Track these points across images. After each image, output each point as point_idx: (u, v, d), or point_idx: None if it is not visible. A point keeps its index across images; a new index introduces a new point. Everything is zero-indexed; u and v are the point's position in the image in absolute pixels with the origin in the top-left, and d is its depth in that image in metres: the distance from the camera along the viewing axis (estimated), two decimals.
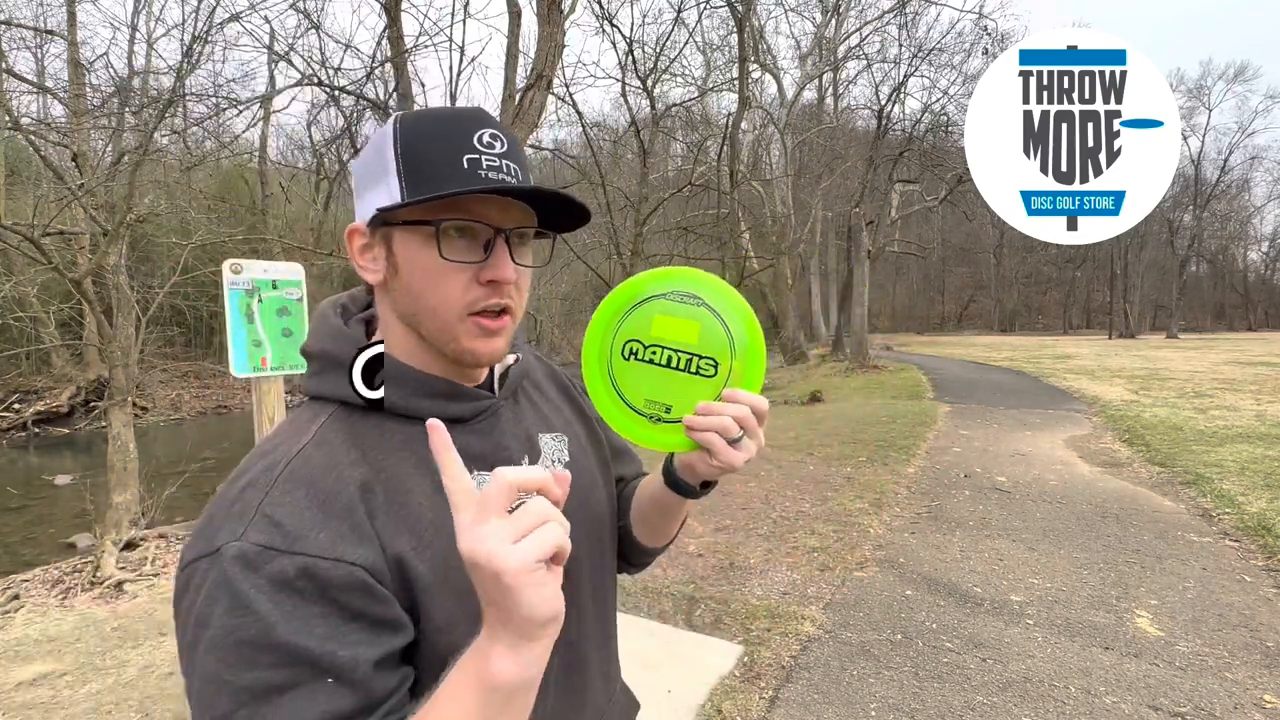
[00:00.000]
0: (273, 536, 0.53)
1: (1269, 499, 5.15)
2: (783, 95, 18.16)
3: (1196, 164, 38.09)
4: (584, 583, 0.77)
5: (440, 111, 0.65)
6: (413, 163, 0.62)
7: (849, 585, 3.77)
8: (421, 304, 0.64)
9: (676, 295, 0.73)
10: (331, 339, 0.68)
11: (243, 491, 0.57)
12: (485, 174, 0.62)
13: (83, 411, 13.66)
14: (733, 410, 0.68)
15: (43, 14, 9.76)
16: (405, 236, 0.64)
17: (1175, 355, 20.52)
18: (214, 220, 10.27)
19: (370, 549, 0.56)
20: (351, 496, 0.57)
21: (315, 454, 0.60)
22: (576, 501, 0.76)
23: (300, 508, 0.55)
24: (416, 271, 0.63)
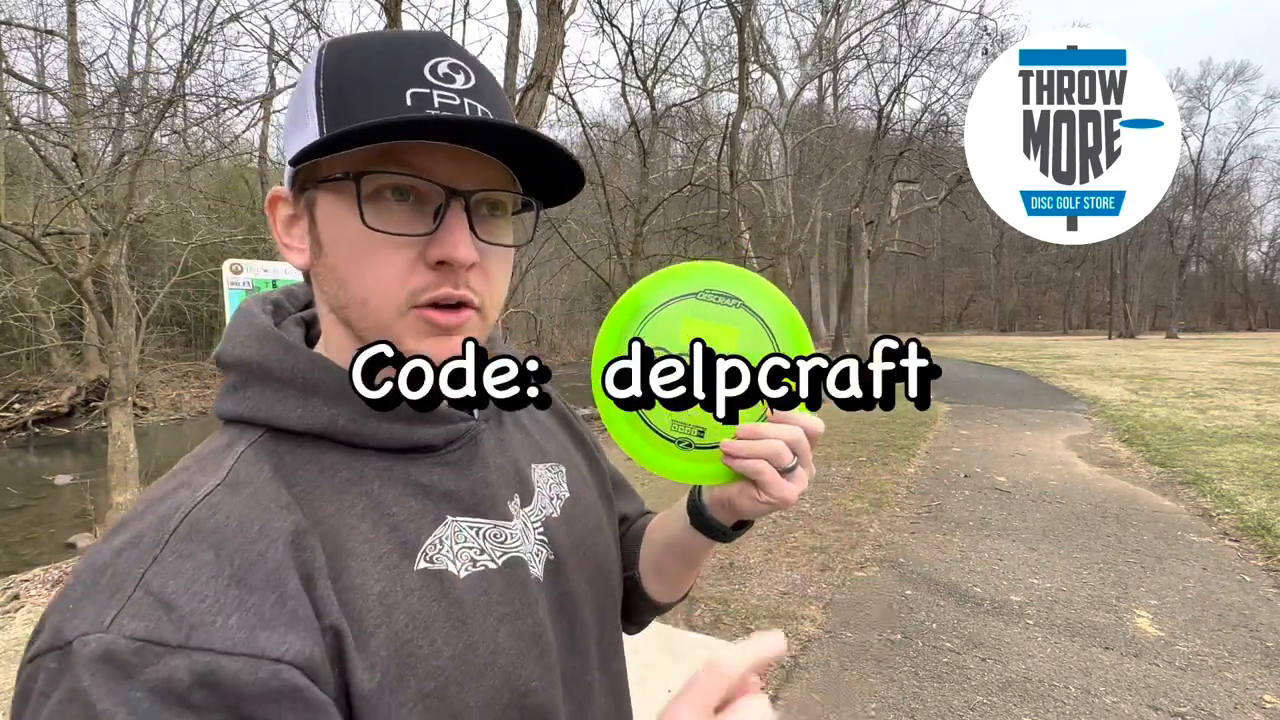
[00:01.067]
0: (158, 624, 0.36)
1: (1269, 499, 5.15)
2: (783, 95, 18.17)
3: (1196, 164, 38.11)
4: (591, 651, 0.60)
5: (385, 34, 0.49)
6: (335, 95, 0.46)
7: (849, 585, 3.77)
8: (349, 292, 0.48)
9: (709, 295, 0.60)
10: (257, 342, 0.51)
11: (119, 554, 0.39)
12: (437, 114, 0.45)
13: (83, 411, 13.67)
14: (784, 433, 0.55)
15: (43, 14, 9.77)
16: (329, 199, 0.48)
17: (1175, 355, 20.53)
18: (214, 220, 10.28)
19: (305, 634, 0.39)
20: (279, 558, 0.41)
21: (229, 499, 0.43)
22: (579, 548, 0.61)
23: (203, 579, 0.38)
24: (342, 247, 0.48)
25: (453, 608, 0.48)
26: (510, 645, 0.50)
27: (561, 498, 0.63)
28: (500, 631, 0.49)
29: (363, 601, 0.44)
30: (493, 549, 0.52)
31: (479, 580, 0.50)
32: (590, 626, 0.60)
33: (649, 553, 0.74)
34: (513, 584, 0.52)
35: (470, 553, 0.51)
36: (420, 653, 0.45)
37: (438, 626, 0.46)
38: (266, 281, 3.24)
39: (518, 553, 0.54)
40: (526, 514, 0.58)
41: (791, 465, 0.55)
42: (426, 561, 0.48)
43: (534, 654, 0.51)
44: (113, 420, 5.74)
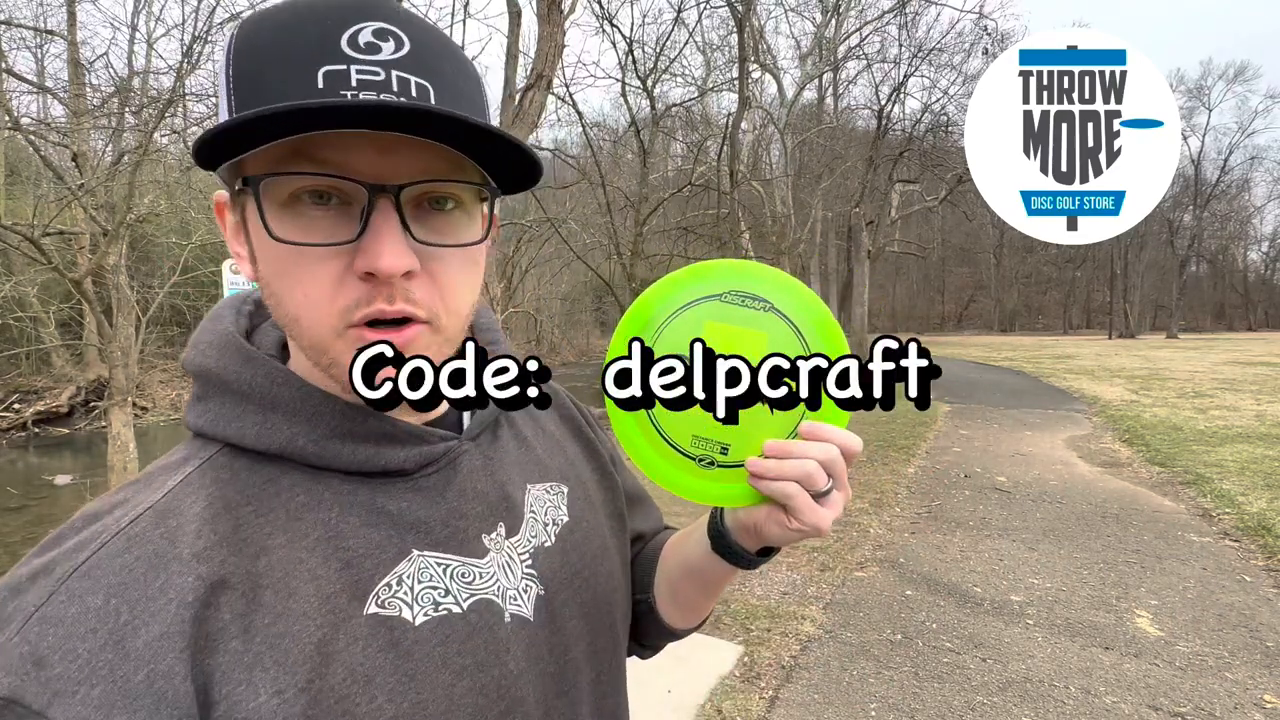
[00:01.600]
0: (24, 683, 0.33)
1: (1269, 499, 5.15)
2: (783, 95, 18.16)
3: (1196, 164, 38.12)
4: (584, 698, 0.55)
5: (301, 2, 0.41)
6: (243, 82, 0.40)
7: (849, 585, 3.77)
8: (283, 310, 0.43)
9: (735, 296, 0.54)
10: (217, 351, 0.47)
11: (32, 579, 0.37)
12: (354, 94, 0.39)
13: (83, 411, 13.67)
14: (818, 451, 0.49)
15: (43, 14, 9.77)
16: (250, 206, 0.42)
17: (1175, 355, 20.53)
18: (214, 220, 10.27)
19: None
20: (169, 621, 0.37)
21: (148, 534, 0.39)
22: (574, 580, 0.56)
23: (81, 633, 0.35)
24: (266, 261, 0.43)
25: (402, 660, 0.43)
26: (467, 702, 0.45)
27: (559, 523, 0.57)
28: (457, 686, 0.45)
29: (296, 650, 0.40)
30: (459, 590, 0.47)
31: (438, 627, 0.45)
32: (583, 666, 0.55)
33: (665, 576, 0.68)
34: (478, 631, 0.47)
35: (434, 594, 0.46)
36: (357, 710, 0.40)
37: (380, 681, 0.42)
38: None
39: (488, 594, 0.49)
40: (512, 545, 0.53)
41: (826, 489, 0.50)
42: (378, 605, 0.44)
43: (495, 712, 0.46)
44: (112, 420, 5.74)
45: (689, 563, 0.63)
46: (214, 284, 13.25)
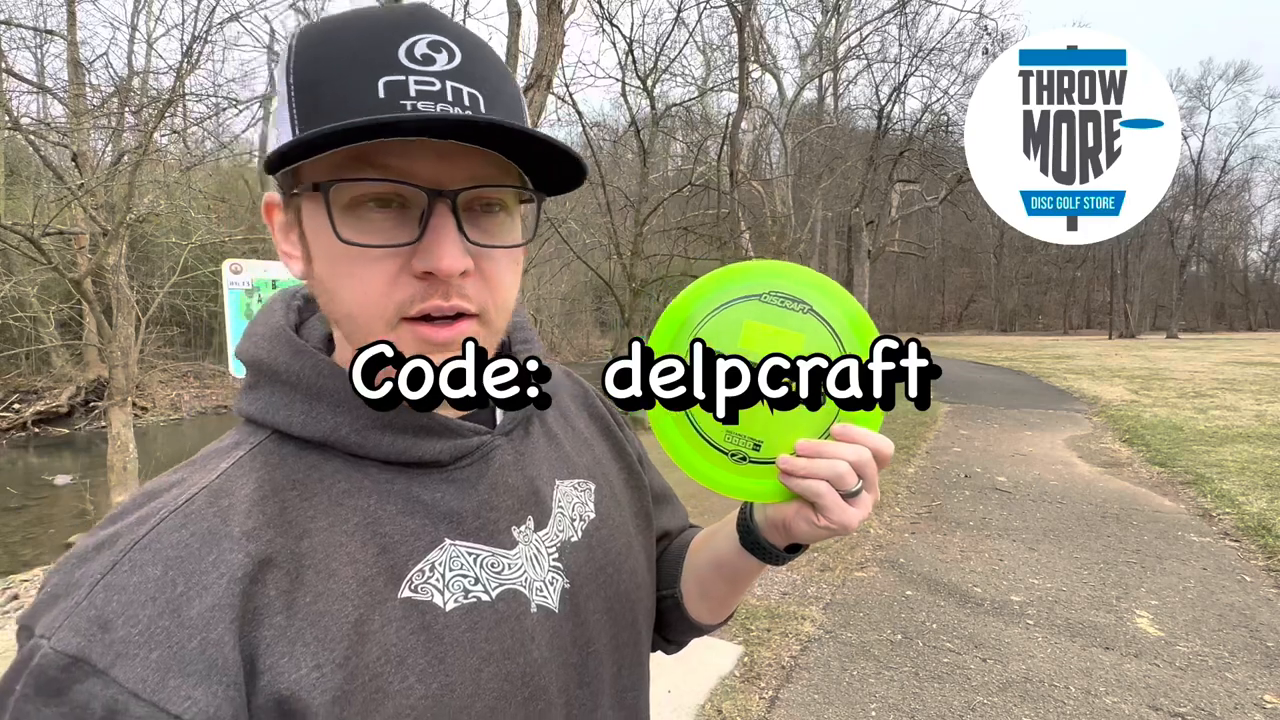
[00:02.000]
0: (91, 643, 0.36)
1: (1269, 499, 5.15)
2: (783, 95, 18.16)
3: (1196, 164, 38.13)
4: (605, 690, 0.56)
5: (359, 13, 0.44)
6: (306, 91, 0.42)
7: (849, 585, 3.77)
8: (337, 307, 0.46)
9: (775, 297, 0.55)
10: (269, 343, 0.49)
11: (98, 550, 0.40)
12: (413, 104, 0.41)
13: (83, 411, 13.67)
14: (849, 453, 0.50)
15: (43, 14, 9.76)
16: (310, 208, 0.45)
17: (1175, 355, 20.53)
18: (214, 220, 10.27)
19: (219, 689, 0.38)
20: (220, 594, 0.39)
21: (203, 511, 0.42)
22: (599, 575, 0.57)
23: (142, 600, 0.38)
24: (325, 261, 0.45)
25: (433, 643, 0.45)
26: (492, 687, 0.47)
27: (586, 519, 0.59)
28: (484, 671, 0.47)
29: (335, 628, 0.42)
30: (488, 579, 0.49)
31: (467, 614, 0.47)
32: (605, 659, 0.57)
33: (692, 572, 0.69)
34: (505, 620, 0.49)
35: (464, 581, 0.48)
36: (390, 688, 0.42)
37: (412, 662, 0.44)
38: (266, 281, 3.24)
39: (515, 585, 0.51)
40: (540, 538, 0.54)
41: (855, 489, 0.51)
42: (411, 590, 0.46)
43: (519, 699, 0.48)
44: (112, 420, 5.74)
45: (717, 558, 0.65)
46: (214, 284, 13.24)
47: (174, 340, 17.66)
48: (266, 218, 0.49)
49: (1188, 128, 37.16)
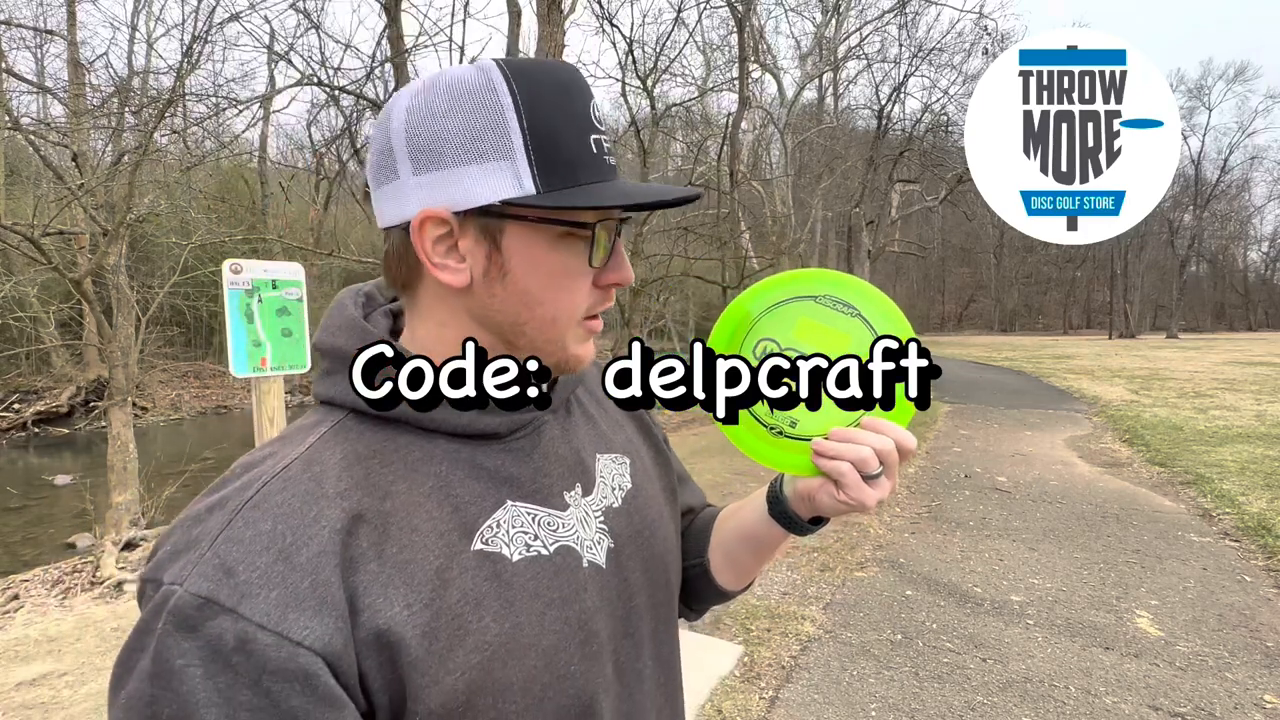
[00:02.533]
0: (218, 587, 0.42)
1: (1269, 499, 5.15)
2: (783, 95, 18.16)
3: (1196, 164, 38.14)
4: (645, 642, 0.63)
5: (546, 67, 0.52)
6: (542, 141, 0.50)
7: (849, 585, 3.77)
8: (538, 312, 0.53)
9: (829, 300, 0.63)
10: (345, 333, 0.56)
11: (210, 511, 0.47)
12: (606, 159, 0.53)
13: (83, 411, 13.66)
14: (875, 441, 0.57)
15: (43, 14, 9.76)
16: (527, 234, 0.51)
17: (1175, 355, 20.53)
18: (214, 220, 10.28)
19: (330, 621, 0.43)
20: (324, 543, 0.46)
21: (300, 476, 0.48)
22: (637, 538, 0.64)
23: (258, 549, 0.44)
24: (541, 277, 0.52)
25: (504, 589, 0.51)
26: (555, 629, 0.53)
27: (624, 488, 0.65)
28: (547, 615, 0.53)
29: (420, 574, 0.48)
30: (546, 536, 0.56)
31: (530, 565, 0.53)
32: (644, 614, 0.63)
33: (720, 540, 0.75)
34: (562, 571, 0.55)
35: (525, 537, 0.54)
36: (469, 627, 0.49)
37: (488, 604, 0.50)
38: (266, 281, 3.24)
39: (569, 541, 0.57)
40: (588, 503, 0.60)
41: (876, 473, 0.57)
42: (483, 543, 0.52)
43: (577, 640, 0.54)
44: (112, 420, 5.74)
45: (745, 527, 0.71)
46: (214, 284, 13.23)
47: (174, 340, 17.65)
48: (416, 229, 0.51)
49: (1188, 128, 37.18)
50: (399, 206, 0.52)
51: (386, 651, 0.46)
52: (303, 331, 3.32)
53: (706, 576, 0.76)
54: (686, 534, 0.79)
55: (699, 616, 0.83)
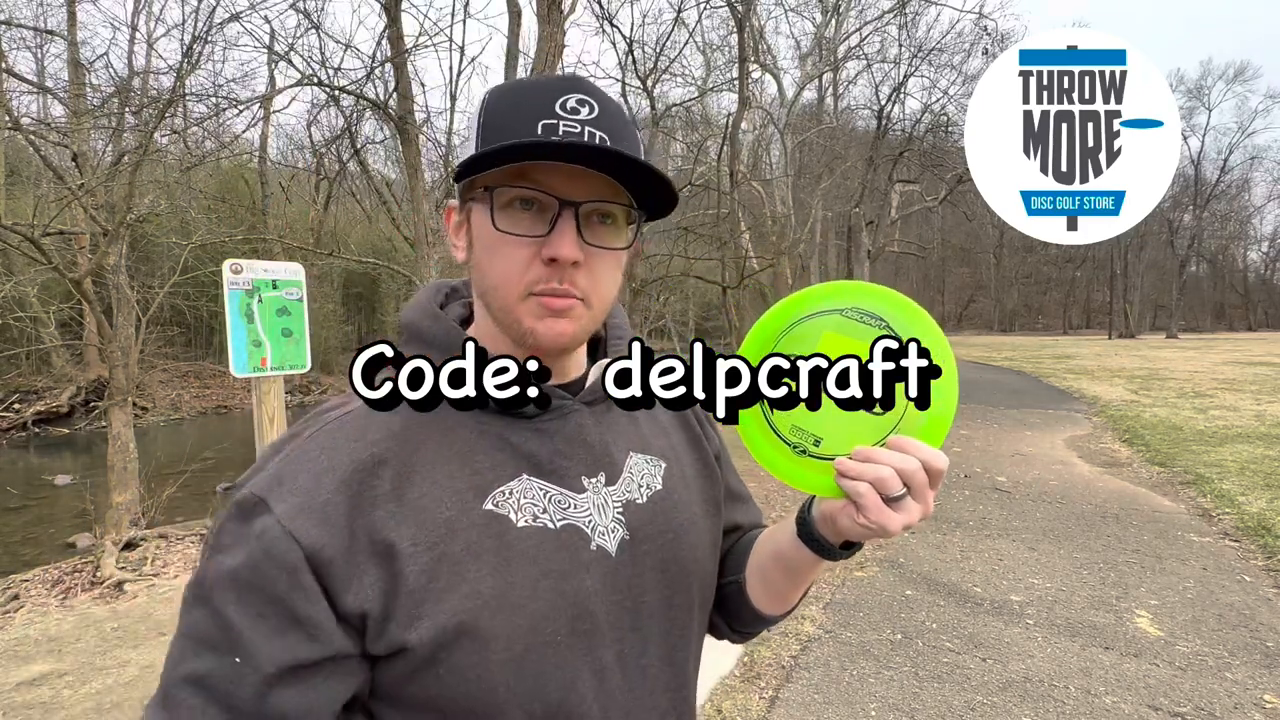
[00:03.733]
0: (270, 489, 0.53)
1: (1269, 499, 5.15)
2: (783, 95, 18.16)
3: (1196, 164, 38.14)
4: (655, 641, 0.64)
5: (535, 78, 0.61)
6: (489, 129, 0.57)
7: (849, 585, 3.77)
8: (486, 281, 0.60)
9: (855, 313, 0.61)
10: (418, 312, 0.65)
11: (288, 440, 0.58)
12: (560, 139, 0.55)
13: (83, 411, 13.67)
14: (898, 461, 0.54)
15: (43, 14, 9.76)
16: (478, 208, 0.60)
17: (1175, 355, 20.53)
18: (214, 220, 10.28)
19: (329, 534, 0.51)
20: (347, 474, 0.54)
21: (355, 421, 0.58)
22: (658, 538, 0.65)
23: (302, 469, 0.54)
24: (481, 245, 0.60)
25: (504, 549, 0.56)
26: (547, 597, 0.57)
27: (653, 488, 0.68)
28: (541, 583, 0.57)
29: (431, 520, 0.55)
30: (554, 512, 0.60)
31: (535, 534, 0.58)
32: (656, 613, 0.64)
33: (756, 561, 0.74)
34: (566, 547, 0.59)
35: (534, 509, 0.59)
36: (467, 574, 0.54)
37: (487, 559, 0.55)
38: (266, 281, 3.24)
39: (578, 522, 0.60)
40: (608, 492, 0.64)
41: (898, 494, 0.54)
42: (493, 505, 0.57)
43: (568, 614, 0.57)
44: (112, 420, 5.74)
45: (778, 549, 0.70)
46: (214, 284, 13.23)
47: (174, 340, 17.65)
48: (446, 219, 0.65)
49: (1188, 128, 37.17)
50: None
51: (387, 573, 0.52)
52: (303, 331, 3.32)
53: (742, 596, 0.75)
54: (730, 551, 0.79)
55: (743, 640, 0.81)
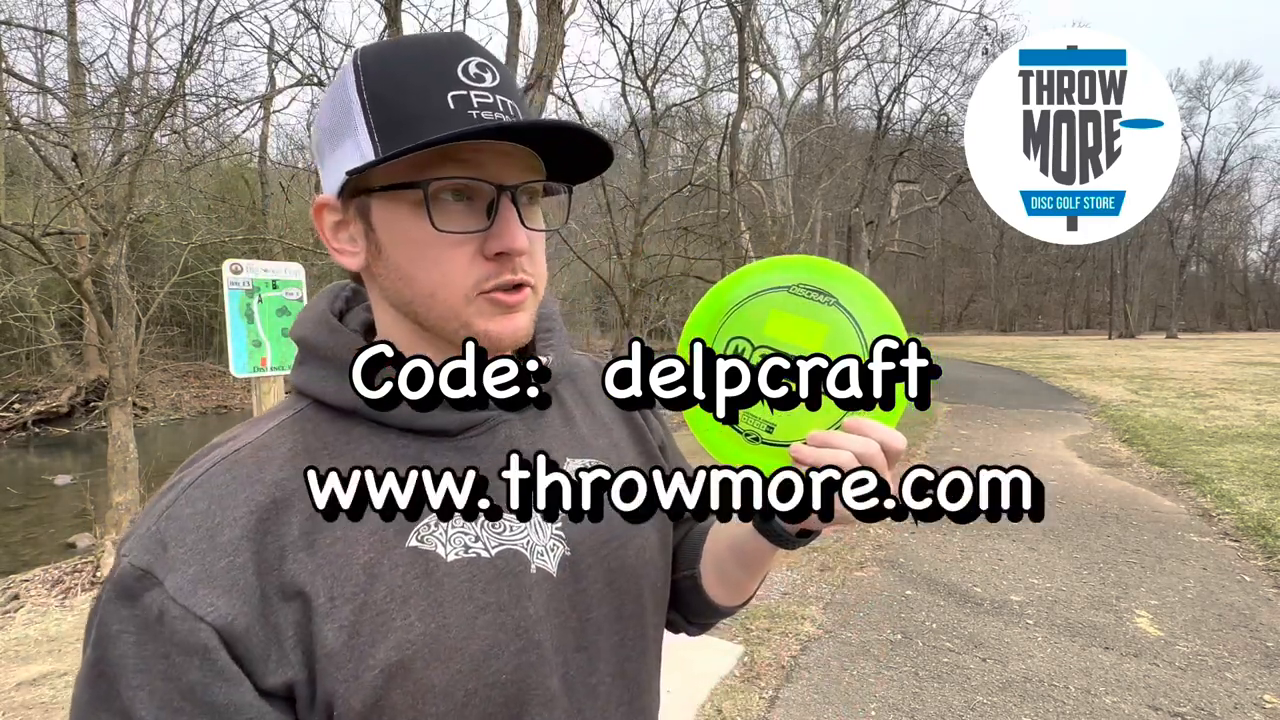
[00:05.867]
0: (155, 559, 0.45)
1: (1269, 499, 5.15)
2: (783, 95, 18.17)
3: (1196, 164, 38.12)
4: (604, 656, 0.59)
5: (411, 40, 0.52)
6: (384, 107, 0.49)
7: (849, 585, 3.77)
8: (416, 289, 0.52)
9: (802, 289, 0.57)
10: (312, 325, 0.57)
11: (169, 489, 0.49)
12: (478, 114, 0.49)
13: (83, 411, 13.66)
14: (857, 445, 0.52)
15: (43, 14, 9.76)
16: (386, 205, 0.51)
17: (1175, 355, 20.53)
18: (214, 220, 10.28)
19: (237, 602, 0.45)
20: (247, 523, 0.47)
21: (246, 461, 0.50)
22: (601, 548, 0.60)
23: (191, 526, 0.46)
24: (405, 248, 0.51)
25: (433, 589, 0.50)
26: (486, 633, 0.51)
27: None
28: (479, 619, 0.51)
29: (348, 567, 0.48)
30: (488, 538, 0.53)
31: (467, 566, 0.52)
32: (605, 628, 0.59)
33: (711, 552, 0.71)
34: (503, 575, 0.53)
35: (465, 539, 0.53)
36: (393, 624, 0.48)
37: (414, 602, 0.49)
38: (266, 281, 3.24)
39: (515, 545, 0.54)
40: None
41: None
42: (418, 540, 0.51)
43: (512, 648, 0.52)
44: (112, 420, 5.74)
45: (734, 539, 0.67)
46: (214, 284, 13.22)
47: (174, 340, 17.65)
48: (316, 217, 0.55)
49: (1188, 128, 37.16)
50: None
51: (307, 633, 0.46)
52: None
53: (698, 590, 0.72)
54: (683, 544, 0.76)
55: (700, 632, 0.79)
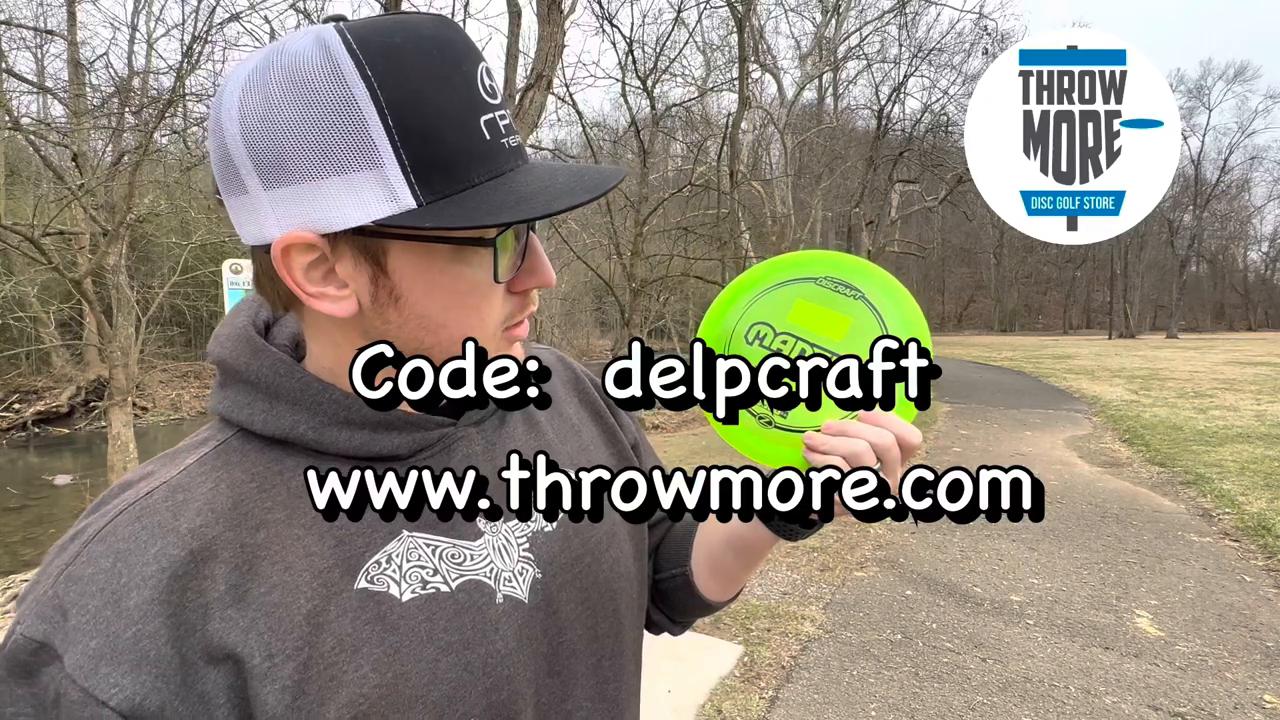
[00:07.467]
0: (52, 629, 0.39)
1: (1269, 499, 5.15)
2: (783, 95, 18.17)
3: (1196, 164, 38.09)
4: (579, 680, 0.56)
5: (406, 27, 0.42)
6: (415, 137, 0.40)
7: (849, 585, 3.77)
8: (442, 335, 0.47)
9: (829, 281, 0.58)
10: (232, 343, 0.50)
11: (71, 540, 0.43)
12: (505, 140, 0.45)
13: (83, 411, 13.66)
14: (872, 435, 0.51)
15: (43, 14, 9.76)
16: (419, 252, 0.44)
17: (1175, 355, 20.53)
18: (214, 220, 10.27)
19: (148, 678, 0.39)
20: (158, 583, 0.40)
21: (158, 506, 0.43)
22: (574, 565, 0.57)
23: (94, 589, 0.40)
24: (442, 297, 0.46)
25: (388, 634, 0.45)
26: (450, 676, 0.47)
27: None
28: (441, 661, 0.47)
29: (289, 619, 0.43)
30: (447, 570, 0.49)
31: (425, 604, 0.47)
32: (581, 650, 0.56)
33: (704, 548, 0.69)
34: (466, 610, 0.49)
35: (422, 573, 0.48)
36: (344, 678, 0.43)
37: (367, 652, 0.44)
38: None
39: (478, 575, 0.51)
40: (510, 529, 0.54)
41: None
42: (368, 581, 0.46)
43: (479, 689, 0.48)
44: (112, 420, 5.74)
45: (732, 533, 0.65)
46: (214, 284, 13.24)
47: (174, 340, 17.65)
48: (280, 259, 0.43)
49: (1188, 128, 37.14)
50: (256, 225, 0.43)
51: (240, 705, 0.41)
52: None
53: (689, 587, 0.70)
54: (663, 544, 0.73)
55: (683, 630, 0.76)
